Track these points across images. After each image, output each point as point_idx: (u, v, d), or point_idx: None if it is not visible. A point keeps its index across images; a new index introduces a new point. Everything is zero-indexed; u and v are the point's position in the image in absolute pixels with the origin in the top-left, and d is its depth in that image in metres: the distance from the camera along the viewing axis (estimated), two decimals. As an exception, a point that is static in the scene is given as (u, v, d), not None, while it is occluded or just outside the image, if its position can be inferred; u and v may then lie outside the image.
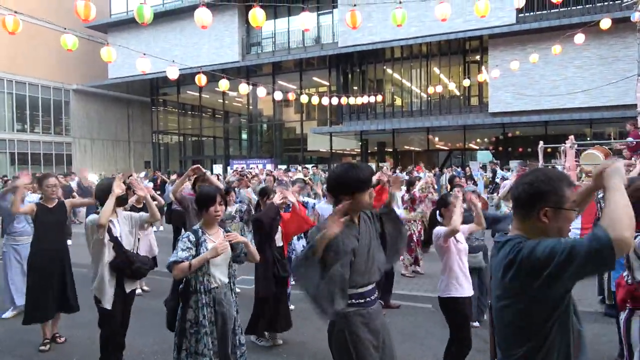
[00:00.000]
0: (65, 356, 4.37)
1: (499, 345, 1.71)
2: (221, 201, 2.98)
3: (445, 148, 25.04)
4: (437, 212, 3.80)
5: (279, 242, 4.69)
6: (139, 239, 3.99)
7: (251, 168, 20.58)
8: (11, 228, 5.45)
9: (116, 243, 3.61)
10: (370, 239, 2.44)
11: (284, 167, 20.63)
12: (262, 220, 4.35)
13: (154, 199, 4.44)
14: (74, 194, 10.73)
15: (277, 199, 4.38)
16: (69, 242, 10.38)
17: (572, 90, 18.25)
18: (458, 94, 22.61)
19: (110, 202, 3.50)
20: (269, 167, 21.95)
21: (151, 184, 12.31)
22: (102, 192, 3.68)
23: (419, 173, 14.22)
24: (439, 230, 3.54)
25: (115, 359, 3.75)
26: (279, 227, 4.61)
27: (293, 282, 6.08)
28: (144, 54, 10.23)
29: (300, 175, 12.59)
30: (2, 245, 5.85)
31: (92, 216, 3.65)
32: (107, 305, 3.58)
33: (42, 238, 4.54)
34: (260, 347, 4.52)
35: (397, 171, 16.63)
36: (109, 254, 3.60)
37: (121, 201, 3.74)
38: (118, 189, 3.54)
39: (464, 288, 3.47)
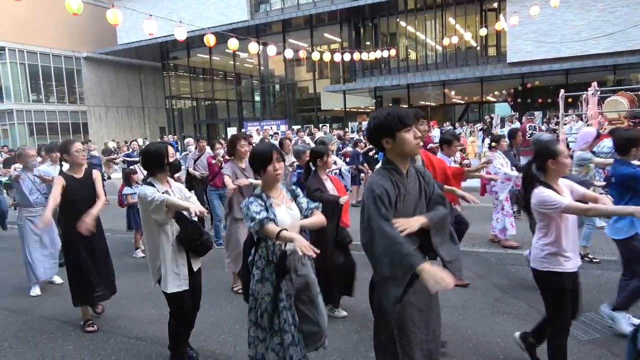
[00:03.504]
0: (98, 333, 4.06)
1: None
2: (278, 157, 2.57)
3: (462, 102, 24.47)
4: (535, 165, 2.77)
5: None
6: None
7: (265, 130, 20.51)
8: (25, 200, 5.19)
9: (180, 215, 3.12)
10: (418, 197, 2.21)
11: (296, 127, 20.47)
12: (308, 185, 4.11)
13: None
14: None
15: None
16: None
17: (595, 35, 17.43)
18: (475, 44, 21.85)
19: (183, 204, 3.01)
20: (283, 127, 21.82)
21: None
22: (149, 159, 3.17)
23: (434, 128, 13.97)
24: (548, 196, 2.61)
25: (184, 344, 3.35)
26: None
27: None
28: (150, 16, 10.07)
29: (331, 136, 12.52)
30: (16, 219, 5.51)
31: (146, 190, 3.04)
32: (178, 288, 3.09)
33: (74, 215, 3.85)
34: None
35: None
36: (171, 231, 3.10)
37: (174, 168, 3.34)
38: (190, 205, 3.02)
39: (570, 261, 2.71)
